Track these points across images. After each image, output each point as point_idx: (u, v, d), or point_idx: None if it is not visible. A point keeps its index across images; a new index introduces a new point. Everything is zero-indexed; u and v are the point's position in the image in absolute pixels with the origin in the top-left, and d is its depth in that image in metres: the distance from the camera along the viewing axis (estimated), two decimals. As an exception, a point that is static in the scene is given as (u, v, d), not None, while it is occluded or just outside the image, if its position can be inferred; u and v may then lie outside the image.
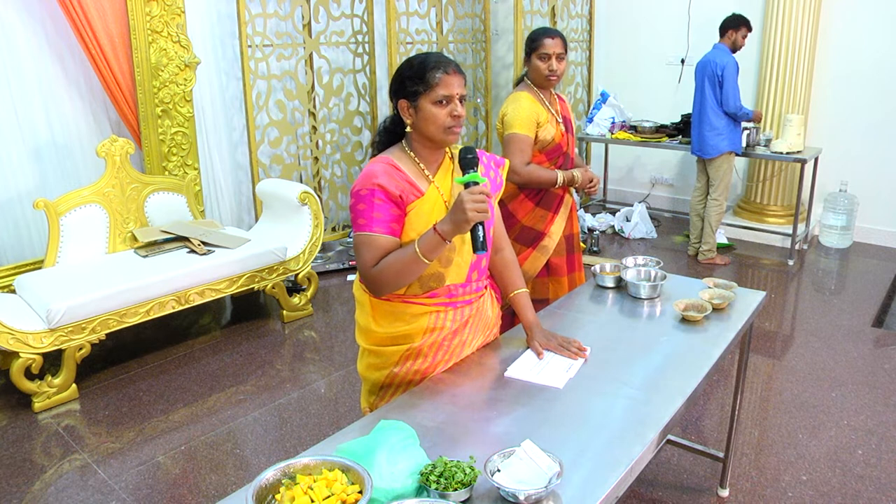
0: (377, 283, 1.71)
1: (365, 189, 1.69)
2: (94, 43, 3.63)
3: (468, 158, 1.68)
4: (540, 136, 2.70)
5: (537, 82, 2.73)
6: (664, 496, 2.51)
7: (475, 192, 1.58)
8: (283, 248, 3.91)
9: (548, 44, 2.65)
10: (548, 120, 2.72)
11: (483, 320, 1.92)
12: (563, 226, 2.83)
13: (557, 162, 2.79)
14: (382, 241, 1.69)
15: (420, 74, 1.69)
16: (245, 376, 3.43)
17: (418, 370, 1.81)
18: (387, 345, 1.81)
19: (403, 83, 1.72)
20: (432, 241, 1.62)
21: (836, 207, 5.20)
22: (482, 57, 5.70)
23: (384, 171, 1.70)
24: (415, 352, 1.80)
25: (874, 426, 2.90)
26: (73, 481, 2.63)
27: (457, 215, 1.58)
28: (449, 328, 1.81)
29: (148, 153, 3.92)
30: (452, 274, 1.80)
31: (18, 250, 3.72)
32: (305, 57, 4.61)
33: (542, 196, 2.79)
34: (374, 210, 1.68)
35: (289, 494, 1.19)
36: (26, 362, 3.05)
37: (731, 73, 4.51)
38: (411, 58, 1.76)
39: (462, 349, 1.86)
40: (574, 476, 1.32)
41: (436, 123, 1.69)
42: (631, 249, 5.33)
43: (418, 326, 1.79)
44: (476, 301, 1.89)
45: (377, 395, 1.88)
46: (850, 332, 3.80)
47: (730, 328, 2.01)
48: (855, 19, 5.08)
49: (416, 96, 1.70)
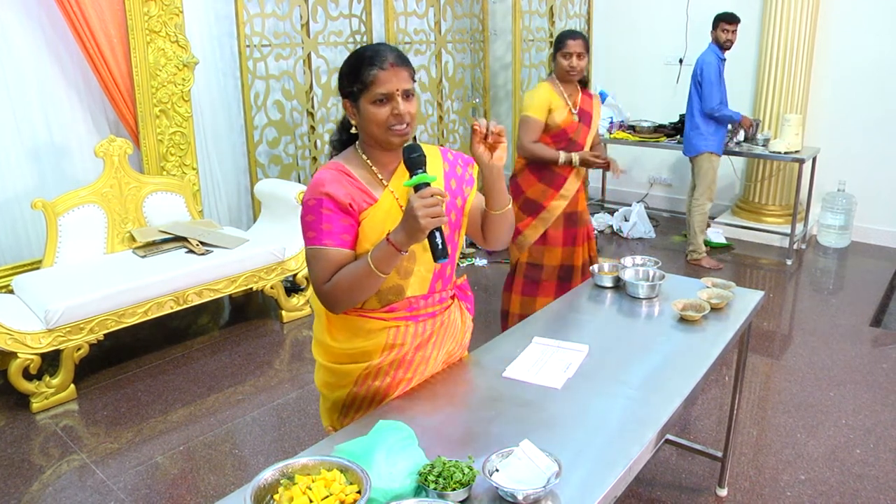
0: (331, 299, 1.57)
1: (313, 199, 1.55)
2: (92, 43, 3.62)
3: (413, 158, 1.50)
4: (549, 120, 3.14)
5: (560, 76, 3.17)
6: (663, 496, 2.51)
7: (426, 195, 1.43)
8: (281, 248, 3.91)
9: (570, 44, 3.10)
10: (560, 107, 3.14)
11: (450, 335, 1.79)
12: (563, 204, 3.23)
13: (561, 145, 3.18)
14: (334, 254, 1.55)
15: (355, 72, 1.55)
16: (243, 376, 3.43)
17: (379, 388, 1.69)
18: (344, 362, 1.68)
19: (342, 82, 1.58)
20: (386, 252, 1.48)
21: (834, 207, 5.20)
22: (480, 57, 5.69)
23: (333, 179, 1.56)
24: (374, 370, 1.67)
25: (872, 425, 2.90)
26: (71, 482, 2.63)
27: (409, 223, 1.43)
28: (410, 344, 1.68)
29: (146, 153, 3.91)
30: (413, 286, 1.67)
31: (16, 250, 3.71)
32: (304, 57, 4.61)
33: (546, 174, 3.20)
34: (324, 221, 1.54)
35: (287, 495, 1.19)
36: (24, 363, 3.04)
37: (708, 72, 4.50)
38: (351, 53, 1.60)
39: (426, 366, 1.73)
40: (573, 476, 1.32)
41: (376, 123, 1.54)
42: (629, 249, 5.33)
43: (376, 343, 1.65)
44: (440, 314, 1.74)
45: (340, 414, 1.75)
46: (848, 331, 3.81)
47: (728, 328, 2.01)
48: (853, 19, 5.09)
49: (356, 96, 1.56)
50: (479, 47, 5.69)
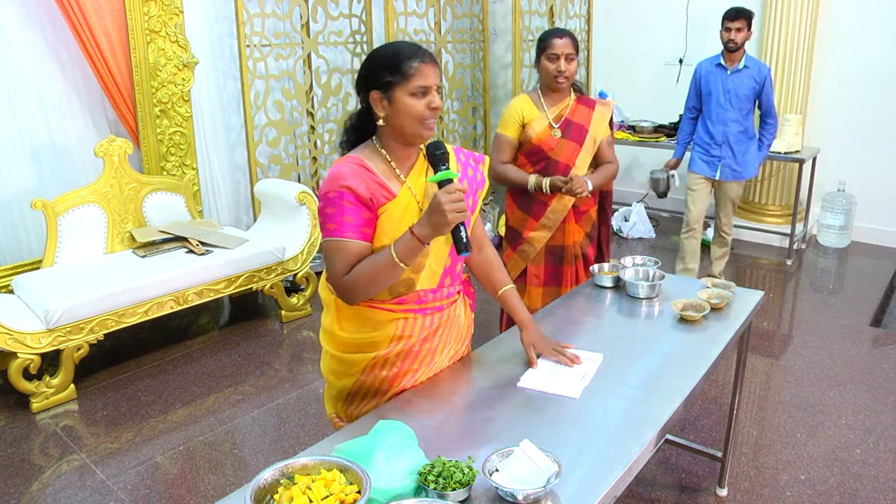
0: (349, 291, 1.60)
1: (333, 192, 1.57)
2: (92, 43, 3.62)
3: (438, 154, 1.57)
4: (522, 136, 2.71)
5: (546, 83, 2.70)
6: (663, 496, 2.51)
7: (451, 190, 1.49)
8: (281, 248, 3.91)
9: (556, 44, 2.61)
10: (536, 119, 2.69)
11: (455, 329, 1.82)
12: (546, 235, 2.76)
13: (538, 165, 2.73)
14: (354, 246, 1.58)
15: (395, 63, 1.57)
16: (243, 376, 3.43)
17: (385, 378, 1.72)
18: (351, 352, 1.72)
19: (375, 72, 1.59)
20: (410, 244, 1.52)
21: (834, 207, 5.20)
22: (480, 57, 5.69)
23: (353, 173, 1.58)
24: (381, 360, 1.71)
25: (872, 425, 2.90)
26: (71, 482, 2.63)
27: (435, 217, 1.48)
28: (417, 336, 1.72)
29: (146, 153, 3.91)
30: (424, 279, 1.70)
31: (16, 250, 3.71)
32: (304, 57, 4.61)
33: (523, 200, 2.76)
34: (345, 214, 1.57)
35: (287, 495, 1.19)
36: (24, 362, 3.04)
37: (693, 79, 4.15)
38: (382, 46, 1.65)
39: (432, 358, 1.76)
40: (572, 476, 1.32)
41: (412, 116, 1.57)
42: (629, 249, 5.33)
43: (384, 334, 1.69)
44: (447, 308, 1.78)
45: (345, 402, 1.79)
46: (848, 331, 3.81)
47: (728, 328, 2.01)
48: (853, 19, 5.08)
49: (390, 87, 1.57)
50: (479, 47, 5.69)
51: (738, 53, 3.93)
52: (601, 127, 2.75)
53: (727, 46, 3.92)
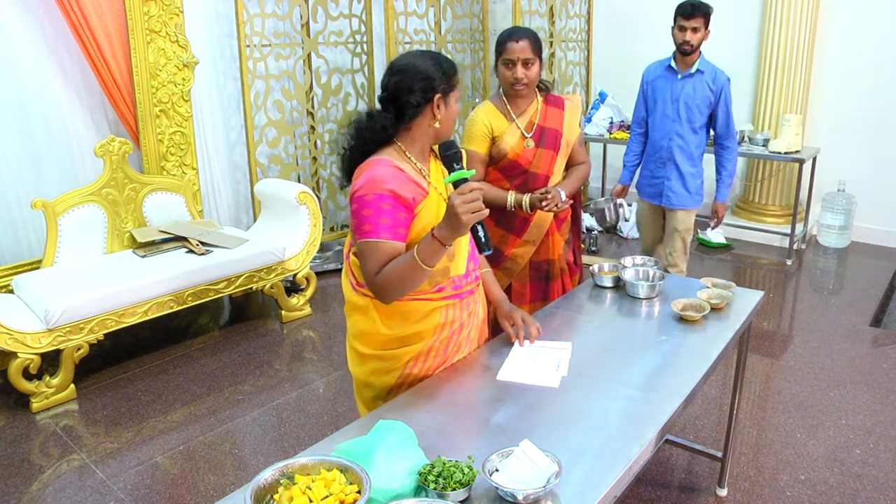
0: (382, 291, 1.65)
1: (372, 194, 1.61)
2: (93, 43, 3.62)
3: (449, 155, 1.60)
4: (494, 150, 2.46)
5: (505, 90, 2.46)
6: (663, 496, 2.51)
7: (465, 191, 1.51)
8: (281, 248, 3.91)
9: (512, 48, 2.32)
10: (506, 131, 2.45)
11: (482, 311, 1.94)
12: (530, 251, 2.58)
13: (517, 181, 2.49)
14: (388, 247, 1.63)
15: (452, 73, 1.72)
16: (243, 376, 3.43)
17: (431, 367, 1.79)
18: (394, 347, 1.77)
19: (438, 80, 1.68)
20: (431, 247, 1.56)
21: (834, 207, 5.20)
22: (480, 57, 5.69)
23: (393, 175, 1.63)
24: (426, 350, 1.78)
25: (872, 425, 2.90)
26: (71, 482, 2.63)
27: (451, 220, 1.52)
28: (458, 320, 1.81)
29: (146, 153, 3.91)
30: (456, 266, 1.80)
31: (16, 250, 3.71)
32: (304, 57, 4.61)
33: (502, 217, 2.53)
34: (382, 215, 1.61)
35: (287, 494, 1.19)
36: (24, 362, 3.04)
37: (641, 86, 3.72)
38: (439, 55, 1.73)
39: (467, 345, 1.87)
40: (572, 476, 1.32)
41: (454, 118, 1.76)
42: (629, 249, 5.33)
43: (429, 323, 1.77)
44: (476, 291, 1.89)
45: (385, 401, 1.79)
46: (848, 331, 3.81)
47: (728, 328, 2.01)
48: (853, 19, 5.08)
49: (445, 94, 1.70)
50: (479, 47, 5.69)
51: (692, 56, 3.35)
52: (573, 127, 2.54)
53: (681, 49, 3.33)
